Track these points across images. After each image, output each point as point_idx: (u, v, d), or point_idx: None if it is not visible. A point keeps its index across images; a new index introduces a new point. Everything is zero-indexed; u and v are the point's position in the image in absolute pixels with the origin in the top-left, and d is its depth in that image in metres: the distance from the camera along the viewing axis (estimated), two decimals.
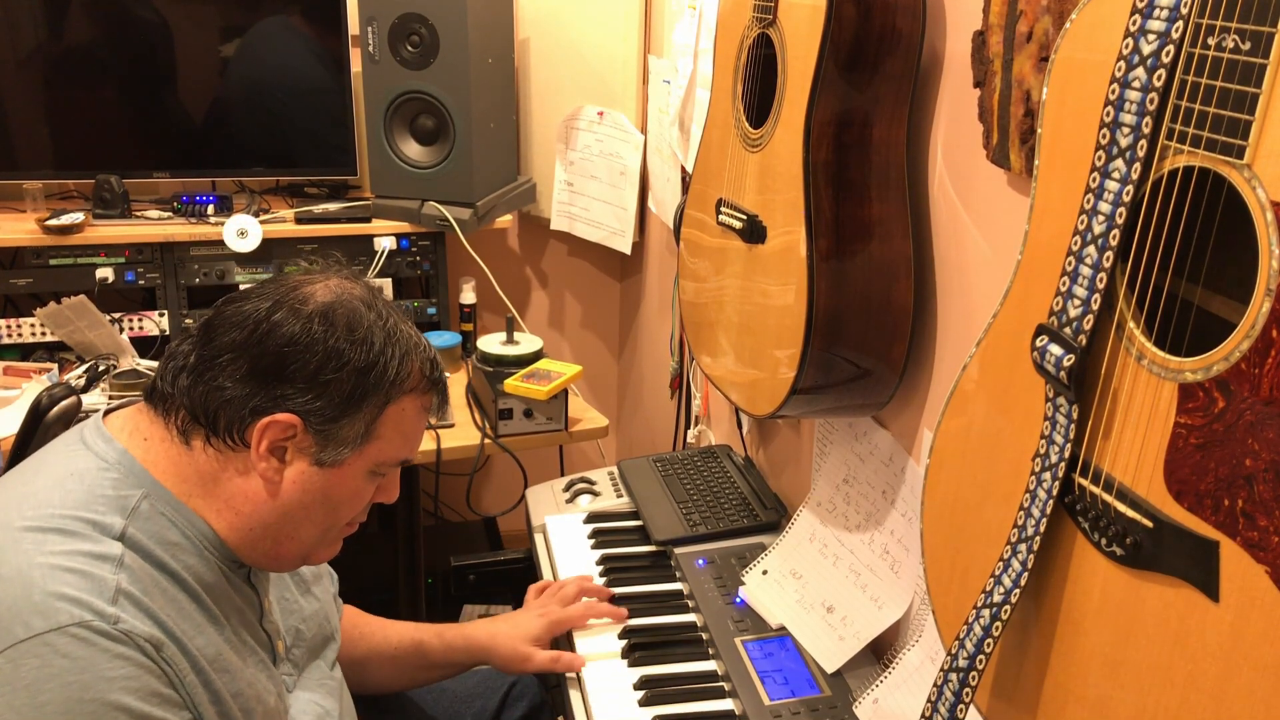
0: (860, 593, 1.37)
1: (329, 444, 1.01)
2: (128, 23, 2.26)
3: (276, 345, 0.98)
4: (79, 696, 0.85)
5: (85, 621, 0.87)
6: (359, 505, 1.08)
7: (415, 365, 1.05)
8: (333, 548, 1.11)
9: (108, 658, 0.87)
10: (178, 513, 0.99)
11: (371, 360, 1.01)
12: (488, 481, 2.89)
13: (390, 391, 1.02)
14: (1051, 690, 0.85)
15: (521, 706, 1.50)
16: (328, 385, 0.99)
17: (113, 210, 2.25)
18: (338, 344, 0.99)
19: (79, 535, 0.92)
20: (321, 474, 1.02)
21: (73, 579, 0.89)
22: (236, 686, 0.99)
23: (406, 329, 1.06)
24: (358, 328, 1.01)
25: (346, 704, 1.25)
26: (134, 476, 0.98)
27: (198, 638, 0.96)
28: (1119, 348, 0.77)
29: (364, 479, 1.05)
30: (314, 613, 1.22)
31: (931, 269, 1.27)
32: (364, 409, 1.01)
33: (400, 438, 1.05)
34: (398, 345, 1.03)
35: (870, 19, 1.17)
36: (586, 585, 1.52)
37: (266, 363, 0.98)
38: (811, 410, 1.37)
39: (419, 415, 1.07)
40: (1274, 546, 0.64)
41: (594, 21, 2.43)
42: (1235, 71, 0.66)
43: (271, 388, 0.98)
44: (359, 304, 1.03)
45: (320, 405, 0.99)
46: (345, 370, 0.99)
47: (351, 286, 1.05)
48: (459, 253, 2.39)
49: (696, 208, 1.54)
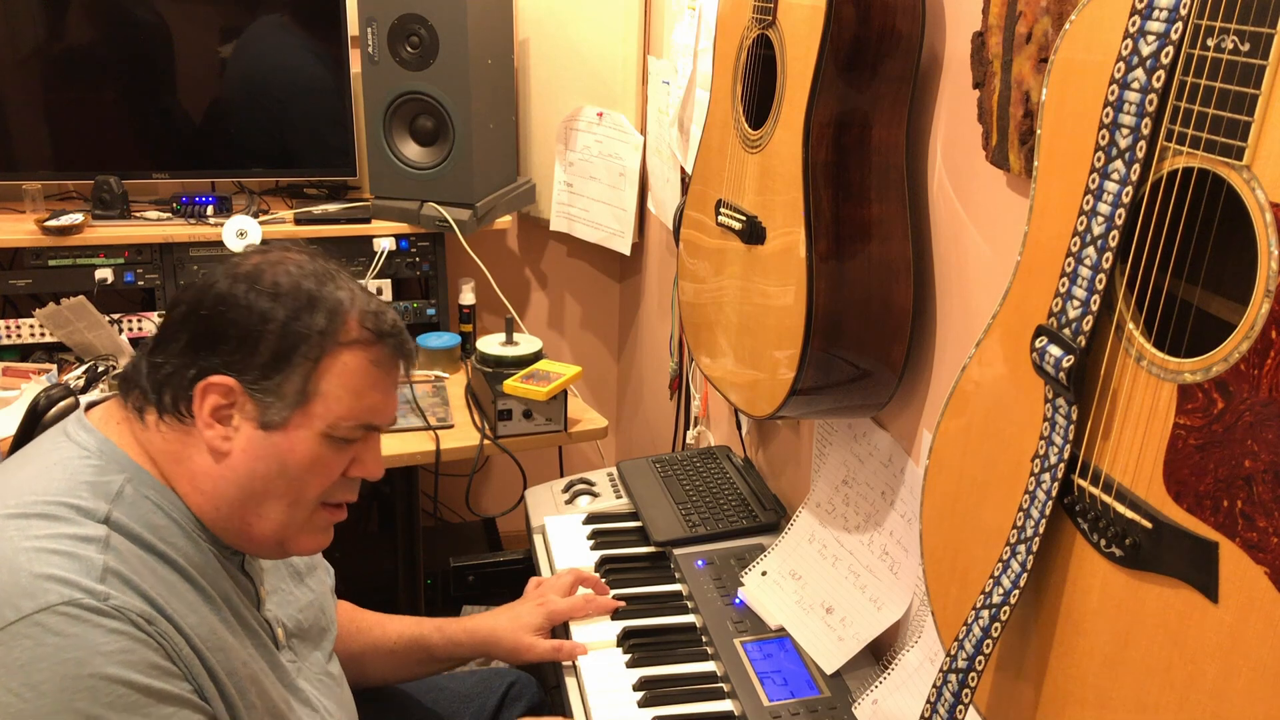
0: (859, 594, 1.37)
1: (270, 404, 1.00)
2: (127, 23, 2.26)
3: (208, 311, 1.00)
4: (75, 673, 0.85)
5: (75, 600, 0.87)
6: (326, 477, 1.05)
7: (351, 317, 1.03)
8: (318, 535, 1.08)
9: (101, 633, 0.87)
10: (162, 495, 0.99)
11: (297, 311, 1.00)
12: (487, 482, 2.88)
13: (324, 343, 1.01)
14: (1051, 691, 0.85)
15: (520, 706, 1.50)
16: (256, 341, 0.99)
17: (112, 211, 2.25)
18: (261, 301, 0.99)
19: (63, 519, 0.92)
20: (269, 438, 1.00)
21: (59, 560, 0.89)
22: (231, 665, 0.99)
23: (345, 280, 1.05)
24: (284, 282, 1.01)
25: (346, 696, 1.25)
26: (116, 463, 0.99)
27: (190, 616, 0.96)
28: (1118, 349, 0.77)
29: (321, 444, 1.02)
30: (309, 604, 1.21)
31: (931, 270, 1.27)
32: (296, 362, 1.00)
33: (349, 394, 1.02)
34: (328, 296, 1.02)
35: (870, 20, 1.18)
36: (582, 575, 1.54)
37: (201, 329, 1.00)
38: (811, 411, 1.37)
39: (366, 369, 1.03)
40: (1273, 547, 0.64)
41: (593, 22, 2.43)
42: (1234, 73, 0.66)
43: (206, 353, 0.99)
44: (290, 264, 1.03)
45: (251, 362, 0.99)
46: (272, 323, 0.99)
47: (291, 253, 1.05)
48: (458, 254, 2.39)
49: (696, 209, 1.54)
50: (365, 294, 1.06)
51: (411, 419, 2.04)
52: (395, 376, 1.08)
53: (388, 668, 1.43)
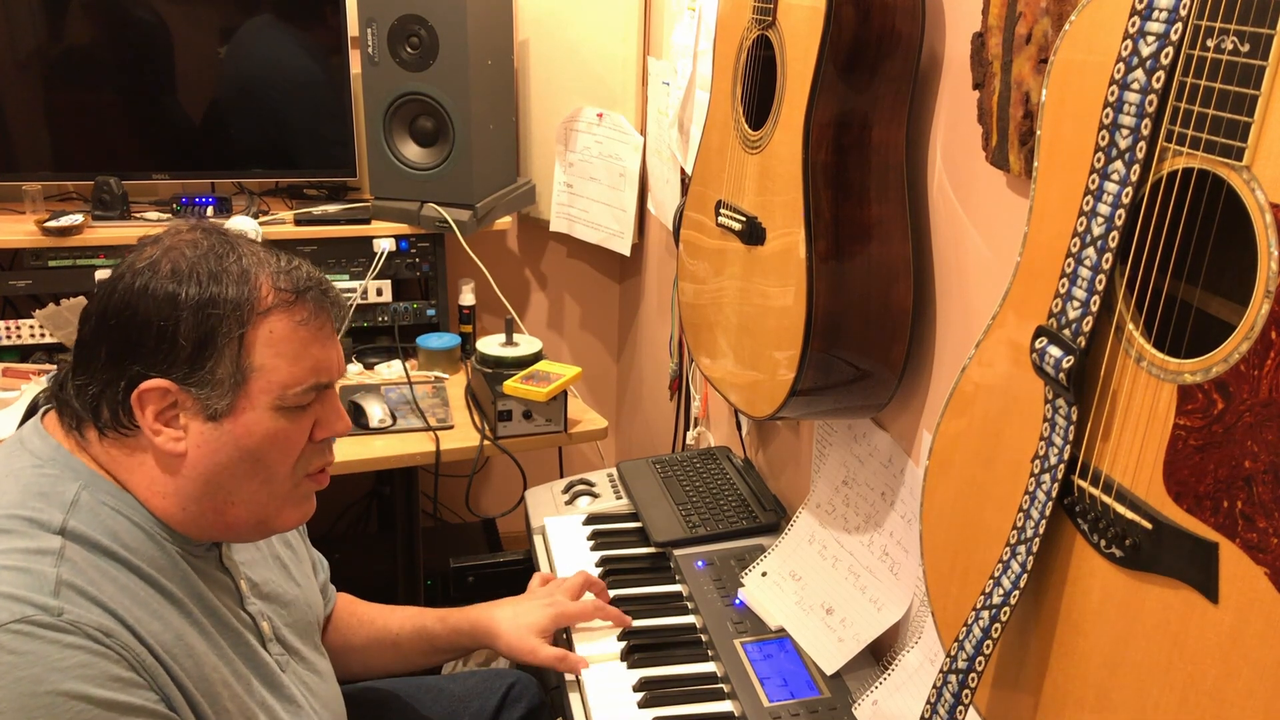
0: (859, 594, 1.37)
1: (210, 395, 0.97)
2: (127, 24, 2.26)
3: (116, 317, 0.96)
4: (31, 691, 0.84)
5: (27, 617, 0.86)
6: (291, 448, 1.02)
7: (261, 282, 0.98)
8: (299, 506, 1.06)
9: (57, 649, 0.86)
10: (121, 501, 0.98)
11: (204, 293, 0.96)
12: (487, 483, 2.88)
13: (243, 318, 0.97)
14: (1051, 691, 0.85)
15: (520, 707, 1.50)
16: (174, 335, 0.95)
17: (112, 212, 2.24)
18: (165, 290, 0.96)
19: (14, 533, 0.91)
20: (220, 428, 0.98)
21: (11, 576, 0.88)
22: (200, 671, 0.97)
23: (246, 248, 1.01)
24: (180, 268, 0.97)
25: (334, 692, 1.24)
26: (71, 470, 0.97)
27: (153, 623, 0.94)
28: (1118, 349, 0.77)
29: (275, 418, 0.99)
30: (296, 597, 1.20)
31: (931, 270, 1.27)
32: (221, 346, 0.96)
33: (285, 360, 0.99)
34: (230, 269, 0.98)
35: (869, 21, 1.18)
36: (591, 580, 1.51)
37: (116, 338, 0.96)
38: (811, 412, 1.37)
39: (294, 331, 0.99)
40: (1273, 548, 0.64)
41: (593, 23, 2.43)
42: (1234, 73, 0.66)
43: (129, 361, 0.96)
44: (185, 248, 0.99)
45: (176, 358, 0.96)
46: (182, 311, 0.95)
47: (184, 235, 1.01)
48: (458, 254, 2.39)
49: (696, 209, 1.54)
50: (272, 256, 1.02)
51: (411, 420, 2.04)
52: (329, 329, 1.03)
53: (391, 659, 1.42)
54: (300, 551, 1.29)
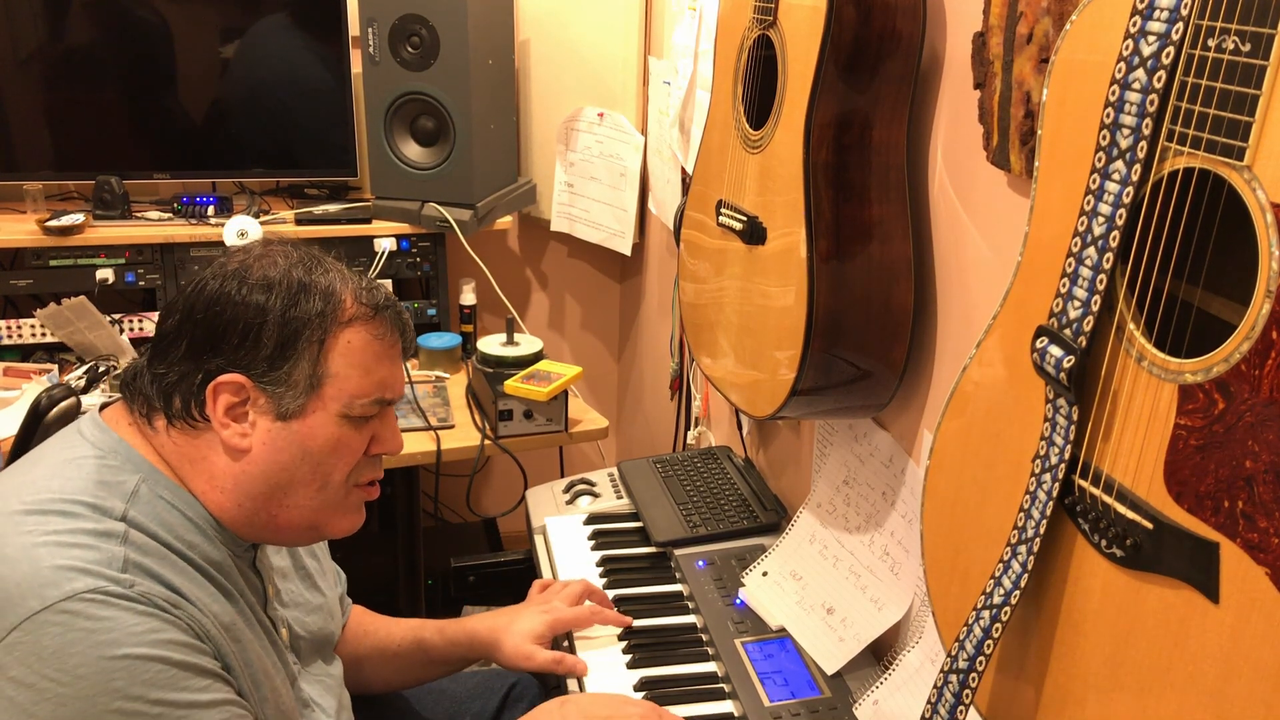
0: (860, 594, 1.37)
1: (283, 394, 1.01)
2: (128, 24, 2.26)
3: (203, 314, 1.00)
4: (110, 654, 0.86)
5: (100, 588, 0.88)
6: (350, 457, 1.06)
7: (346, 295, 1.04)
8: (352, 515, 1.09)
9: (131, 615, 0.88)
10: (177, 496, 1.00)
11: (292, 299, 1.01)
12: (488, 483, 2.89)
13: (326, 325, 1.01)
14: (1051, 692, 0.85)
15: (521, 708, 1.50)
16: (258, 335, 0.99)
17: (113, 211, 2.25)
18: (254, 294, 1.00)
19: (80, 516, 0.93)
20: (288, 428, 1.01)
21: (80, 553, 0.90)
22: (247, 657, 1.00)
23: (331, 264, 1.06)
24: (272, 273, 1.02)
25: (345, 700, 1.25)
26: (131, 463, 0.99)
27: (213, 605, 0.97)
28: (1119, 349, 0.77)
29: (339, 425, 1.03)
30: (318, 606, 1.22)
31: (932, 270, 1.27)
32: (301, 349, 1.00)
33: (357, 370, 1.03)
34: (318, 279, 1.03)
35: (870, 21, 1.18)
36: (591, 588, 1.51)
37: (200, 334, 1.00)
38: (811, 411, 1.37)
39: (370, 344, 1.05)
40: (1274, 548, 0.64)
41: (594, 23, 2.43)
42: (1235, 73, 0.66)
43: (210, 355, 1.00)
44: (278, 256, 1.04)
45: (257, 356, 0.99)
46: (270, 314, 1.00)
47: (274, 246, 1.06)
48: (459, 254, 2.39)
49: (696, 209, 1.54)
50: (355, 274, 1.07)
51: (412, 419, 2.04)
52: (398, 349, 1.09)
53: (390, 671, 1.42)
54: (325, 563, 1.30)
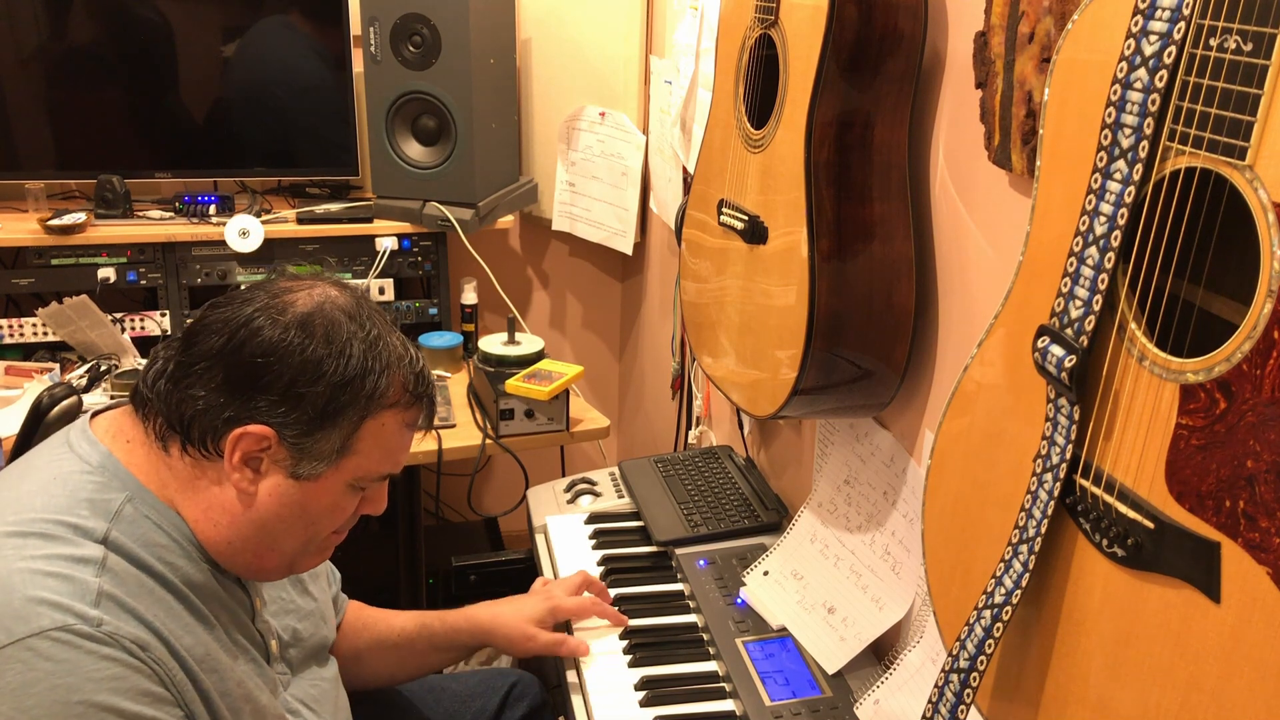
0: (861, 594, 1.37)
1: (304, 458, 0.99)
2: (130, 22, 2.26)
3: (251, 354, 0.96)
4: (65, 699, 0.85)
5: (67, 625, 0.87)
6: (340, 518, 1.06)
7: (397, 379, 1.02)
8: (319, 556, 1.10)
9: (93, 659, 0.87)
10: (162, 516, 0.98)
11: (349, 374, 0.98)
12: (489, 482, 2.89)
13: (369, 406, 1.00)
14: (1052, 691, 0.85)
15: (522, 707, 1.50)
16: (302, 398, 0.97)
17: (114, 210, 2.25)
18: (314, 355, 0.97)
19: (60, 539, 0.91)
20: (298, 487, 1.00)
21: (53, 583, 0.88)
22: (225, 686, 0.99)
23: (392, 340, 1.03)
24: (336, 338, 0.98)
25: (342, 702, 1.25)
26: (118, 480, 0.98)
27: (185, 637, 0.95)
28: (1120, 349, 0.77)
29: (343, 492, 1.03)
30: (311, 611, 1.22)
31: (933, 270, 1.27)
32: (340, 423, 0.99)
33: (380, 452, 1.03)
34: (378, 358, 1.00)
35: (872, 20, 1.17)
36: (590, 580, 1.52)
37: (241, 372, 0.96)
38: (813, 411, 1.37)
39: (401, 430, 1.04)
40: (1275, 548, 0.64)
41: (596, 22, 2.43)
42: (1237, 72, 0.66)
43: (245, 398, 0.96)
44: (340, 314, 1.00)
45: (295, 418, 0.97)
46: (321, 383, 0.97)
47: (337, 295, 1.02)
48: (460, 253, 2.39)
49: (698, 208, 1.54)
50: (407, 347, 1.05)
51: None
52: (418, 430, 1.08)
53: (392, 662, 1.42)
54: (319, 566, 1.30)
